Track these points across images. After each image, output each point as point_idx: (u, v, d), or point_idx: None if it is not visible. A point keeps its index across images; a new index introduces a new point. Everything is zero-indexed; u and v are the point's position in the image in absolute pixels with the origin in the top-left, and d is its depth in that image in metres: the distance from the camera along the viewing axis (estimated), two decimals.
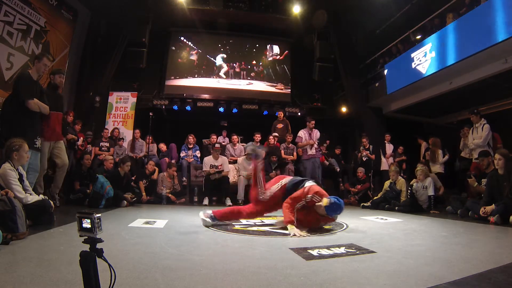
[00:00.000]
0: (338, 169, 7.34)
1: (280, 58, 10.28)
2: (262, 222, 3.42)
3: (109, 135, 6.96)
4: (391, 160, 7.06)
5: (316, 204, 2.82)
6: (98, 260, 1.06)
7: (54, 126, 4.10)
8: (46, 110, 3.65)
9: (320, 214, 2.87)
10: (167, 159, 6.87)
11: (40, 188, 4.01)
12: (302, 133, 6.42)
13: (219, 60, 9.97)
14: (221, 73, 9.88)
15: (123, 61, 8.22)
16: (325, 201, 2.77)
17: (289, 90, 10.11)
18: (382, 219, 3.84)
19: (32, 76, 3.57)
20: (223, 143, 7.14)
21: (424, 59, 6.60)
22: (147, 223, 3.14)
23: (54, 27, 6.99)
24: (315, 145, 6.28)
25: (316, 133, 6.38)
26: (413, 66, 6.90)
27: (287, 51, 10.29)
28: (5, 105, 3.62)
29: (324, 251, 2.00)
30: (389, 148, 7.27)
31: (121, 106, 8.38)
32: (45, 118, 3.89)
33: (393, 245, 2.27)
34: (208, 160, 5.79)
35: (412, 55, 6.98)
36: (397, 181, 5.37)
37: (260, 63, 10.21)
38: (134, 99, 8.45)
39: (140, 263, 1.67)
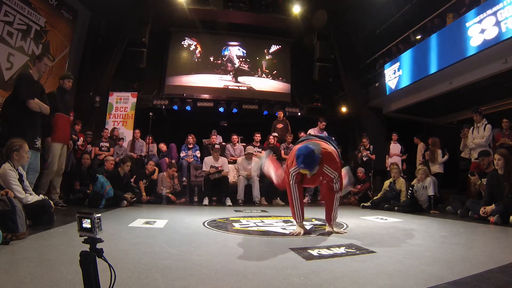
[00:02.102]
0: None
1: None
2: (262, 222, 3.42)
3: (109, 135, 6.95)
4: (394, 159, 6.95)
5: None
6: (98, 260, 1.06)
7: (64, 129, 4.22)
8: (46, 110, 3.65)
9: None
10: (167, 159, 6.86)
11: (54, 190, 4.17)
12: (312, 132, 6.25)
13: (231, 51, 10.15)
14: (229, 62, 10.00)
15: (123, 61, 8.22)
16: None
17: (289, 90, 10.11)
18: (382, 219, 3.84)
19: (32, 76, 3.57)
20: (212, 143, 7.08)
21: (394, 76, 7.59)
22: (147, 223, 3.14)
23: (54, 27, 6.98)
24: None
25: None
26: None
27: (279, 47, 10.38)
28: (5, 105, 3.62)
29: (324, 251, 2.01)
30: (396, 148, 7.06)
31: (121, 106, 8.37)
32: (55, 120, 4.03)
33: (393, 245, 2.28)
34: (208, 160, 5.79)
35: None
36: (397, 181, 5.36)
37: (263, 61, 10.23)
38: (134, 99, 8.44)
39: (140, 263, 1.67)
